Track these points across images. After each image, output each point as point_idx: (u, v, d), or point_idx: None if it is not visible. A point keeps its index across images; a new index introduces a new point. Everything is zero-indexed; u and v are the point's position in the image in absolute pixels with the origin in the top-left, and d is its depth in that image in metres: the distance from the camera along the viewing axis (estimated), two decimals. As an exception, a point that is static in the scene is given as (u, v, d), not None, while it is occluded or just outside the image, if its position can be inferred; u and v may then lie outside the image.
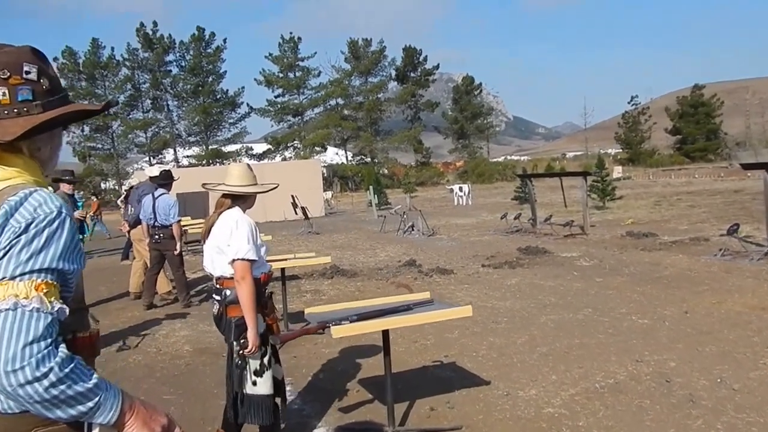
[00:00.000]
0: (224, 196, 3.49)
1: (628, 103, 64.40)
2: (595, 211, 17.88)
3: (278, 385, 3.57)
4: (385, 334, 3.79)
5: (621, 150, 66.98)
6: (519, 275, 9.20)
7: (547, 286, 8.32)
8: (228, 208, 3.45)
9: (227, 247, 3.30)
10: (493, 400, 4.40)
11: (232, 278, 3.33)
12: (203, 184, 3.91)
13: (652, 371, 4.73)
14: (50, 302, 1.30)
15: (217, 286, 3.43)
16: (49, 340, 1.27)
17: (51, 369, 1.25)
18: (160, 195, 8.36)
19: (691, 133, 61.33)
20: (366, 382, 4.96)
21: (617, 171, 38.85)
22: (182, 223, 12.54)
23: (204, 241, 3.51)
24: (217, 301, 3.43)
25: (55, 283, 1.34)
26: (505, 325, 6.41)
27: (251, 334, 3.23)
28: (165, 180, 8.55)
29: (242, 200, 3.49)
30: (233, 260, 3.26)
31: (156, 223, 8.32)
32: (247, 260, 3.25)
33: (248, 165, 3.61)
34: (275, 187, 3.68)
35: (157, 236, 8.35)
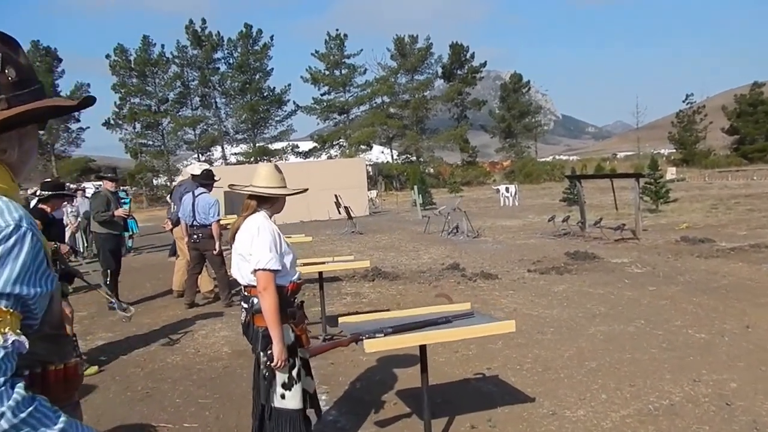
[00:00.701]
0: (250, 197, 3.31)
1: (683, 101, 62.56)
2: (648, 215, 17.29)
3: (310, 399, 3.41)
4: (423, 348, 3.58)
5: (674, 150, 65.18)
6: (566, 282, 8.87)
7: (596, 294, 7.98)
8: (253, 212, 3.28)
9: (249, 255, 3.15)
10: (538, 420, 4.15)
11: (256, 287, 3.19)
12: (230, 185, 3.76)
13: (711, 393, 4.41)
14: (2, 334, 1.12)
15: (245, 293, 3.28)
16: (1, 380, 1.10)
17: (2, 414, 1.08)
18: (200, 194, 8.32)
19: (750, 133, 59.20)
20: (404, 393, 4.76)
21: (671, 172, 37.76)
22: (227, 222, 12.60)
23: (231, 245, 3.36)
24: (245, 309, 3.28)
25: (10, 310, 1.15)
26: (552, 336, 6.14)
27: (276, 348, 3.06)
28: (206, 179, 8.51)
29: (269, 203, 3.32)
30: (254, 270, 3.10)
31: (195, 222, 8.29)
32: (270, 270, 3.08)
33: (276, 166, 3.40)
34: (303, 191, 3.50)
35: (195, 236, 8.31)
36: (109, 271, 8.73)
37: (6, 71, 1.27)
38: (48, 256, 1.29)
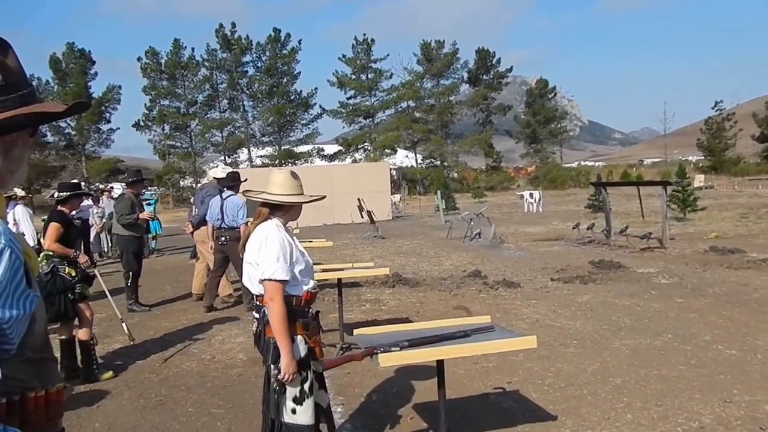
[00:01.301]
0: (262, 204, 3.20)
1: (712, 108, 61.58)
2: (675, 223, 16.94)
3: (323, 413, 3.29)
4: (440, 363, 3.44)
5: (703, 157, 64.19)
6: (591, 292, 8.65)
7: (621, 305, 7.76)
8: (265, 219, 3.17)
9: (257, 264, 3.04)
10: (560, 439, 3.99)
11: None
12: (244, 192, 3.65)
13: (744, 415, 4.19)
14: None
15: (257, 302, 3.16)
16: None
17: None
18: (228, 196, 8.28)
19: (781, 141, 58.09)
20: (421, 407, 4.62)
21: (699, 180, 37.10)
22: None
23: (242, 254, 3.24)
24: (256, 319, 3.17)
25: None
26: (575, 350, 5.95)
27: (284, 361, 2.94)
28: (232, 182, 8.46)
29: (282, 210, 3.19)
30: (261, 280, 2.99)
31: (223, 225, 8.23)
32: (276, 280, 2.96)
33: (292, 172, 3.26)
34: (319, 199, 3.37)
35: (223, 238, 8.25)
36: (131, 273, 8.73)
37: None
38: (30, 274, 1.18)
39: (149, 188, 22.97)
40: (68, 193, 6.01)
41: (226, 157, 56.33)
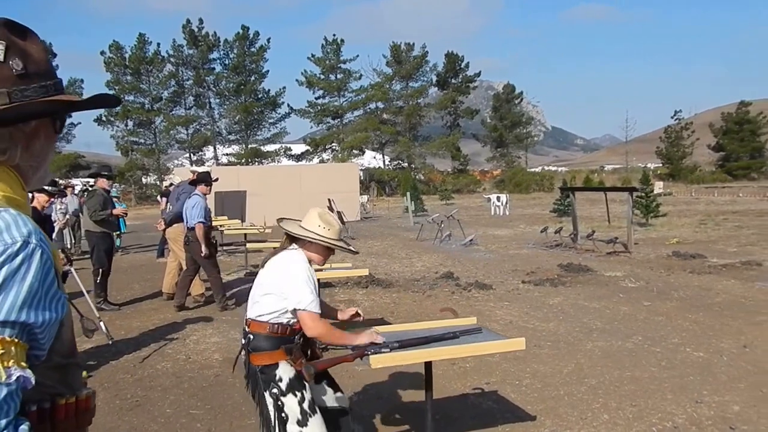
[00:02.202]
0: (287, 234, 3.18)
1: (671, 117, 63.20)
2: (638, 228, 17.30)
3: (338, 415, 3.26)
4: (428, 365, 3.50)
5: (661, 165, 65.66)
6: (561, 294, 8.82)
7: (591, 307, 7.94)
8: (286, 247, 3.15)
9: (281, 293, 2.99)
10: (540, 439, 4.08)
11: (260, 322, 3.01)
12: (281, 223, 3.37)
13: (714, 415, 4.35)
14: (6, 368, 0.98)
15: (245, 326, 3.10)
16: (3, 422, 0.96)
17: None
18: (191, 195, 8.25)
19: (735, 151, 59.91)
20: (403, 408, 4.68)
21: (658, 186, 37.89)
22: (219, 223, 12.47)
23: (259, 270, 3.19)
24: (242, 344, 3.12)
25: (15, 340, 1.01)
26: (549, 351, 6.07)
27: (363, 339, 3.12)
28: (198, 180, 8.42)
29: (301, 244, 3.14)
30: (297, 310, 2.95)
31: (187, 225, 8.20)
32: (314, 312, 2.94)
33: (326, 213, 3.21)
34: (349, 251, 3.37)
35: (187, 237, 8.21)
36: (101, 270, 8.60)
37: (10, 62, 1.12)
38: (59, 275, 1.15)
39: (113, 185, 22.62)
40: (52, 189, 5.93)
41: (191, 155, 55.67)
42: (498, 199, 27.32)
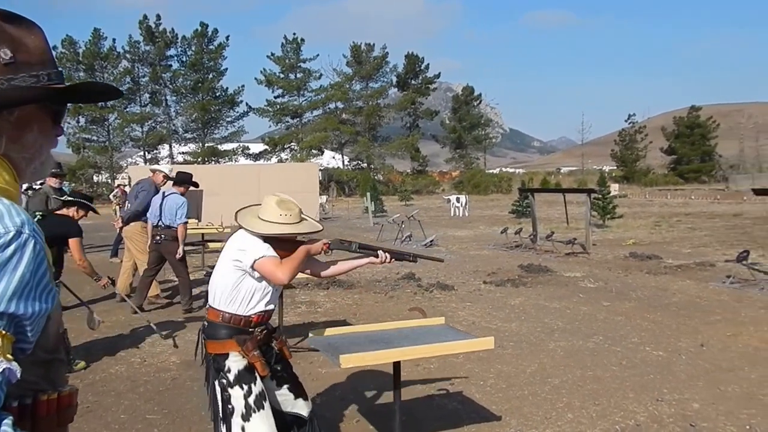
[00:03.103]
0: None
1: (625, 121, 64.69)
2: (595, 230, 17.59)
3: (291, 422, 3.17)
4: (397, 366, 3.45)
5: (616, 167, 67.08)
6: (523, 295, 8.88)
7: (552, 308, 8.00)
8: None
9: (238, 252, 2.91)
10: (506, 439, 4.07)
11: (215, 309, 2.95)
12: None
13: (675, 413, 4.40)
14: None
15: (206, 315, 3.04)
16: None
17: None
18: (170, 194, 8.03)
19: (686, 154, 61.55)
20: (367, 410, 4.62)
21: (613, 189, 38.63)
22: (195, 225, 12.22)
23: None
24: (200, 330, 3.05)
25: (2, 332, 0.98)
26: (512, 351, 6.08)
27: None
28: (182, 180, 8.21)
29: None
30: (254, 261, 2.86)
31: (160, 223, 7.98)
32: (272, 256, 2.87)
33: (282, 199, 3.06)
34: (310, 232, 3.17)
35: (158, 237, 8.00)
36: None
37: None
38: (51, 268, 1.12)
39: (63, 183, 22.05)
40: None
41: (146, 153, 54.65)
42: (457, 200, 27.49)
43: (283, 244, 2.98)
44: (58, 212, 5.89)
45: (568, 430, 4.19)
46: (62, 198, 5.99)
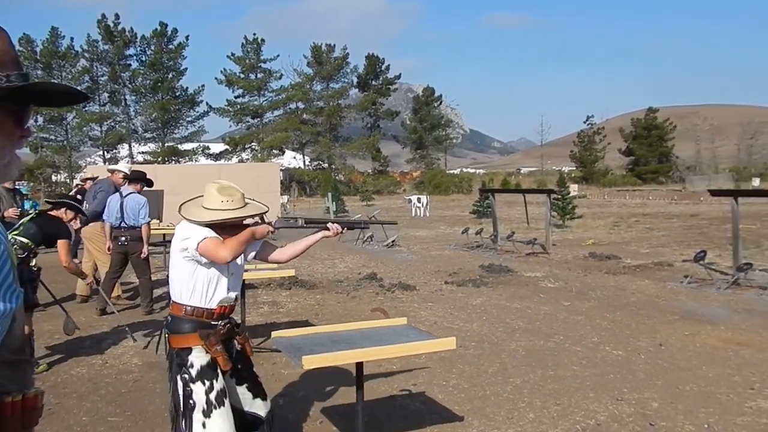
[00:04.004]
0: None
1: (584, 122, 65.78)
2: (555, 230, 17.81)
3: (248, 422, 3.14)
4: (359, 366, 3.44)
5: (575, 168, 68.12)
6: (484, 295, 8.95)
7: (513, 308, 8.08)
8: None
9: (183, 242, 2.89)
10: (469, 439, 4.09)
11: (177, 303, 2.94)
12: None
13: (634, 412, 4.48)
14: None
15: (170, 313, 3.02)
16: None
17: None
18: (129, 194, 7.88)
19: (644, 155, 62.83)
20: (330, 411, 4.60)
21: (573, 189, 39.22)
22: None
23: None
24: (163, 325, 3.04)
25: None
26: (474, 351, 6.13)
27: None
28: (137, 179, 8.07)
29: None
30: (197, 245, 2.85)
31: (123, 224, 7.82)
32: (214, 237, 2.86)
33: (222, 186, 3.08)
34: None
35: (123, 238, 7.84)
36: None
37: None
38: (15, 268, 1.10)
39: (20, 182, 21.52)
40: None
41: (105, 153, 53.66)
42: (418, 200, 27.59)
43: (230, 230, 2.98)
44: (50, 213, 5.80)
45: (530, 429, 4.23)
46: (52, 200, 5.88)
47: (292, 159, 60.23)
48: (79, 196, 11.81)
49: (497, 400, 4.77)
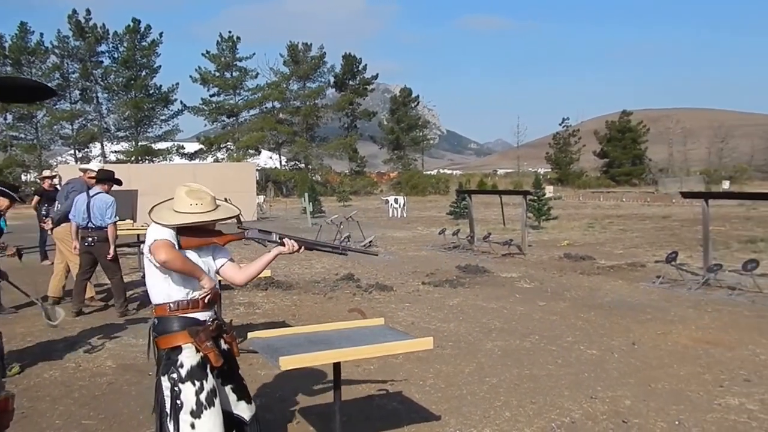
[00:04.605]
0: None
1: (560, 124, 66.40)
2: (531, 231, 17.97)
3: (239, 426, 3.13)
4: (337, 366, 3.45)
5: (551, 170, 68.70)
6: (461, 295, 9.00)
7: (489, 308, 8.14)
8: None
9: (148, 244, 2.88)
10: (446, 438, 4.12)
11: (159, 304, 2.92)
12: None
13: (608, 410, 4.55)
14: None
15: (154, 317, 3.00)
16: None
17: None
18: (96, 194, 7.77)
19: (618, 158, 63.62)
20: (307, 411, 4.60)
21: (548, 191, 39.55)
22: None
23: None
24: (149, 328, 3.01)
25: None
26: (451, 351, 6.17)
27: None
28: (108, 179, 7.95)
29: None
30: (149, 248, 2.84)
31: (90, 224, 7.72)
32: (167, 239, 2.84)
33: (192, 189, 3.05)
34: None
35: (90, 238, 7.73)
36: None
37: None
38: None
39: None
40: None
41: (77, 151, 52.88)
42: (396, 201, 27.63)
43: (200, 233, 2.97)
44: None
45: (506, 428, 4.28)
46: None
47: (268, 159, 59.82)
48: (37, 197, 11.64)
49: (474, 400, 4.81)
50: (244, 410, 3.14)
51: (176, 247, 2.87)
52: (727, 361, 5.73)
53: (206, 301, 2.98)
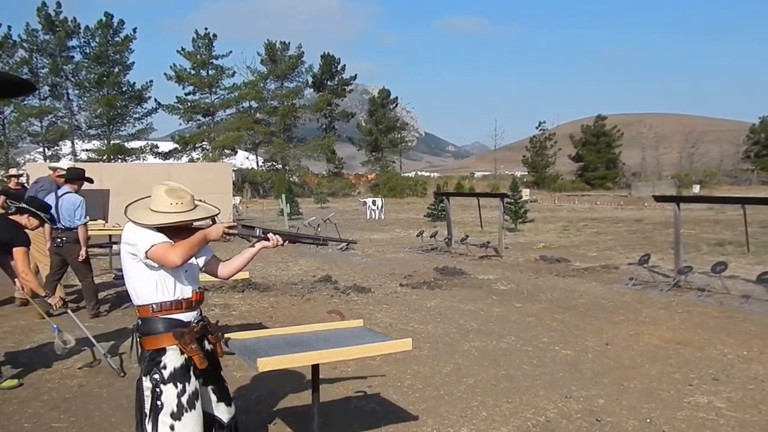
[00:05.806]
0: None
1: (536, 128, 66.92)
2: (507, 233, 18.07)
3: (220, 428, 3.10)
4: (315, 368, 3.44)
5: (527, 173, 69.24)
6: (438, 297, 9.03)
7: (467, 309, 8.18)
8: None
9: (131, 246, 2.82)
10: (423, 439, 4.13)
11: (141, 305, 2.87)
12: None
13: (582, 408, 4.60)
14: None
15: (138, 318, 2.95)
16: None
17: None
18: (65, 193, 7.64)
19: (593, 161, 64.40)
20: (285, 413, 4.58)
21: (525, 193, 39.87)
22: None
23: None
24: (133, 329, 2.97)
25: None
26: (428, 352, 6.18)
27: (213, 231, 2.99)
28: (76, 178, 7.83)
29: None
30: (146, 254, 2.78)
31: (59, 225, 7.58)
32: (165, 241, 2.80)
33: (171, 188, 2.99)
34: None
35: (59, 239, 7.59)
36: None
37: None
38: None
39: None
40: None
41: (46, 149, 51.90)
42: (374, 203, 27.66)
43: (180, 233, 2.92)
44: (11, 216, 5.44)
45: (483, 427, 4.30)
46: (17, 204, 5.55)
47: (244, 159, 59.45)
48: (3, 197, 11.46)
49: (451, 400, 4.83)
50: (223, 412, 3.09)
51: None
52: (697, 360, 5.83)
53: (190, 302, 2.94)
